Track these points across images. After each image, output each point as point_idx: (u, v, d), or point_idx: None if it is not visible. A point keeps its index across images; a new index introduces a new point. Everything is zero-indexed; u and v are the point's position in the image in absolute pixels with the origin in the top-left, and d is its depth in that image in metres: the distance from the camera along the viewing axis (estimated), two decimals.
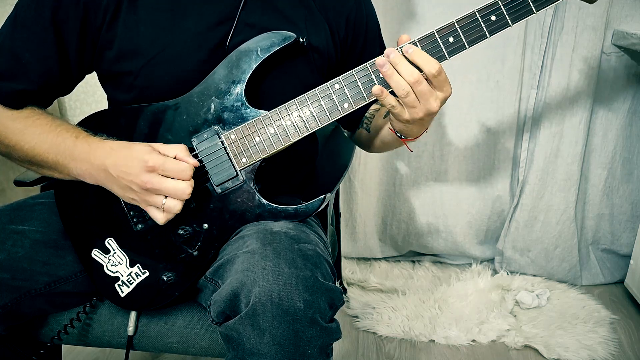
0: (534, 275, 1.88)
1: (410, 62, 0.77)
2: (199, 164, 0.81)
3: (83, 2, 0.85)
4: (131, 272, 0.88)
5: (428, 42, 0.79)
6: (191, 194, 0.79)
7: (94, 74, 0.95)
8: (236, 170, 0.84)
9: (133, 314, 0.91)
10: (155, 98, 0.88)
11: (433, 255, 2.01)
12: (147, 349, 0.93)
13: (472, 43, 0.80)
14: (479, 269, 1.90)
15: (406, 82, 0.77)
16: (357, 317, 1.68)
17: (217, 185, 0.84)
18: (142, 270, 0.88)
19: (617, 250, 1.89)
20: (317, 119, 0.83)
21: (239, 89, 0.84)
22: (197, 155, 0.84)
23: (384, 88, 0.79)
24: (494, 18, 0.79)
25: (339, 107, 0.82)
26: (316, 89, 0.82)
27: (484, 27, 0.79)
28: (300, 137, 0.84)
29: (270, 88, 0.89)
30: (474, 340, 1.57)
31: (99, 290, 0.90)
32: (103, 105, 0.96)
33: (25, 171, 1.07)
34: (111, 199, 0.87)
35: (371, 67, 0.81)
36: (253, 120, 0.84)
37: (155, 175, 0.77)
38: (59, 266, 0.90)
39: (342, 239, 1.82)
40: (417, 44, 0.79)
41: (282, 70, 0.90)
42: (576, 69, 1.67)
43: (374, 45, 1.03)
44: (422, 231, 1.94)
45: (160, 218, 0.80)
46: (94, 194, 0.88)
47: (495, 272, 1.91)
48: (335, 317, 0.76)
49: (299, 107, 0.83)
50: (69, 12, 0.85)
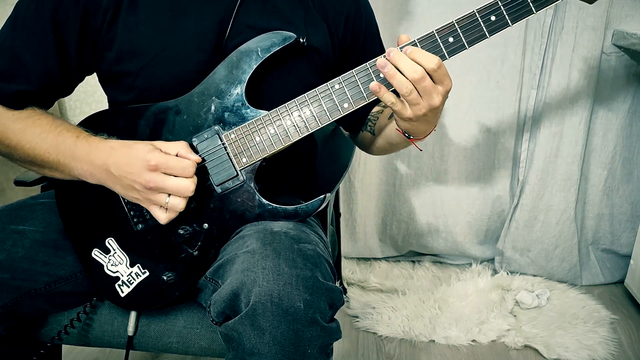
0: (534, 275, 1.88)
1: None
2: (200, 160, 0.81)
3: (83, 3, 0.85)
4: (131, 272, 0.88)
5: (428, 42, 0.79)
6: (191, 196, 0.79)
7: (94, 74, 0.95)
8: (236, 170, 0.84)
9: (133, 314, 0.91)
10: (155, 98, 0.88)
11: (433, 255, 2.01)
12: (147, 349, 0.93)
13: (472, 43, 0.80)
14: (479, 269, 1.90)
15: (408, 80, 0.76)
16: (357, 317, 1.68)
17: (217, 185, 0.85)
18: (142, 270, 0.88)
19: (617, 250, 1.89)
20: (317, 119, 0.83)
21: (239, 89, 0.84)
22: (198, 155, 0.84)
23: (381, 84, 0.79)
24: (493, 18, 0.79)
25: (339, 107, 0.82)
26: (316, 89, 0.82)
27: (484, 27, 0.79)
28: (300, 137, 0.84)
29: (271, 88, 0.89)
30: (474, 340, 1.57)
31: (99, 290, 0.90)
32: (103, 105, 0.96)
33: (25, 171, 1.07)
34: (111, 199, 0.87)
35: (371, 67, 0.81)
36: (253, 120, 0.84)
37: (158, 174, 0.77)
38: (59, 266, 0.90)
39: (342, 239, 1.82)
40: (417, 44, 0.79)
41: (282, 71, 0.90)
42: (576, 69, 1.67)
43: (373, 45, 1.03)
44: (422, 231, 1.94)
45: (163, 217, 0.80)
46: (94, 194, 0.88)
47: (495, 272, 1.91)
48: (335, 317, 0.77)
49: (299, 107, 0.83)
50: (68, 12, 0.85)
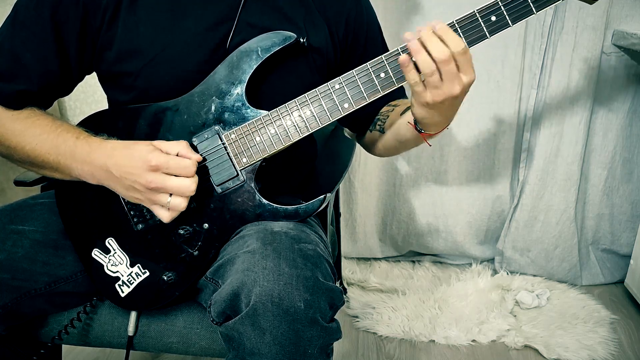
0: (534, 275, 1.88)
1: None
2: (201, 158, 0.81)
3: (83, 2, 0.85)
4: (131, 272, 0.88)
5: None
6: (191, 196, 0.79)
7: (94, 74, 0.95)
8: (237, 170, 0.84)
9: (133, 314, 0.91)
10: (156, 98, 0.88)
11: (433, 255, 2.01)
12: (147, 349, 0.93)
13: (472, 43, 0.80)
14: (479, 269, 1.90)
15: (433, 60, 0.74)
16: (357, 317, 1.68)
17: (217, 185, 0.84)
18: (143, 270, 0.87)
19: (617, 250, 1.89)
20: (318, 119, 0.83)
21: (239, 89, 0.84)
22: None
23: (411, 60, 0.76)
24: (494, 18, 0.79)
25: (340, 107, 0.82)
26: (317, 89, 0.82)
27: (484, 28, 0.79)
28: (300, 137, 0.84)
29: (271, 88, 0.89)
30: (474, 340, 1.57)
31: (99, 290, 0.90)
32: (103, 105, 0.96)
33: (25, 171, 1.07)
34: (111, 199, 0.87)
35: (372, 67, 0.81)
36: (253, 120, 0.84)
37: (158, 174, 0.77)
38: (59, 266, 0.90)
39: (342, 239, 1.82)
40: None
41: (283, 71, 0.90)
42: (576, 69, 1.67)
43: (375, 46, 1.02)
44: (422, 231, 1.94)
45: (165, 217, 0.80)
46: (94, 194, 0.88)
47: (495, 272, 1.91)
48: (335, 317, 0.77)
49: (299, 107, 0.83)
50: (68, 12, 0.85)
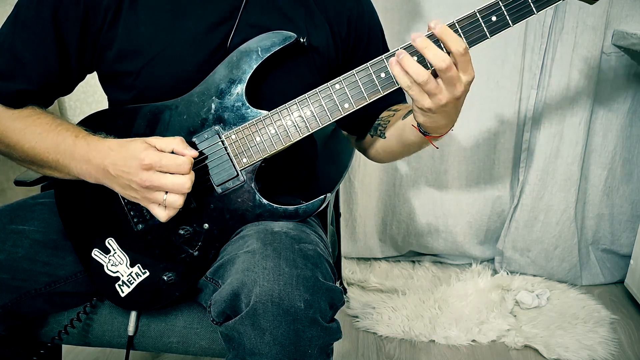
0: (534, 275, 1.88)
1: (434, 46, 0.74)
2: (197, 154, 0.80)
3: (83, 2, 0.85)
4: (131, 272, 0.88)
5: None
6: (192, 194, 0.79)
7: (94, 73, 0.95)
8: (237, 170, 0.84)
9: (133, 314, 0.91)
10: (156, 98, 0.87)
11: (433, 255, 2.01)
12: (147, 349, 0.93)
13: (472, 43, 0.80)
14: (479, 269, 1.90)
15: (430, 67, 0.74)
16: (357, 317, 1.68)
17: (217, 185, 0.84)
18: (143, 270, 0.87)
19: (617, 250, 1.89)
20: (318, 119, 0.83)
21: (239, 89, 0.84)
22: (199, 155, 0.84)
23: (406, 52, 0.76)
24: (494, 18, 0.79)
25: (340, 107, 0.82)
26: (317, 89, 0.82)
27: (485, 28, 0.79)
28: (301, 137, 0.84)
29: (271, 88, 0.89)
30: (474, 340, 1.57)
31: (99, 290, 0.90)
32: (103, 105, 0.96)
33: (25, 171, 1.07)
34: (111, 198, 0.87)
35: (372, 67, 0.81)
36: (254, 120, 0.84)
37: (152, 172, 0.76)
38: (59, 266, 0.90)
39: (342, 239, 1.82)
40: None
41: (283, 71, 0.90)
42: (576, 69, 1.67)
43: (377, 46, 1.02)
44: (422, 231, 1.94)
45: (162, 215, 0.79)
46: (94, 194, 0.88)
47: (495, 272, 1.91)
48: (335, 317, 0.77)
49: (299, 107, 0.83)
50: (69, 11, 0.85)
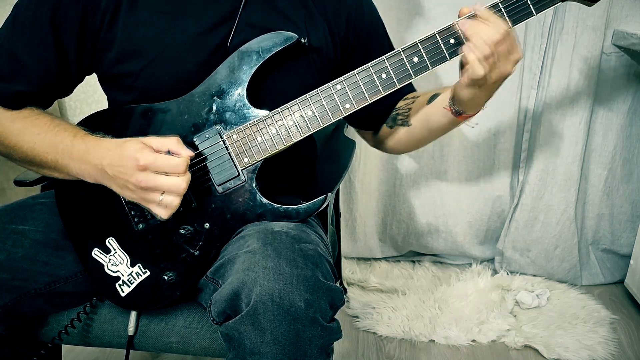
0: (534, 275, 1.88)
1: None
2: (193, 154, 0.80)
3: (82, 4, 0.85)
4: (132, 271, 0.88)
5: (430, 44, 0.79)
6: (193, 194, 0.79)
7: (94, 74, 0.95)
8: (238, 170, 0.84)
9: (133, 314, 0.91)
10: (156, 99, 0.87)
11: (433, 255, 2.01)
12: (148, 349, 0.93)
13: None
14: (479, 269, 1.90)
15: (486, 43, 0.76)
16: (357, 317, 1.68)
17: (218, 185, 0.84)
18: (143, 270, 0.87)
19: (617, 250, 1.89)
20: (319, 119, 0.83)
21: (240, 90, 0.84)
22: (199, 154, 0.84)
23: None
24: None
25: (341, 107, 0.82)
26: (318, 89, 0.83)
27: None
28: (302, 137, 0.84)
29: (272, 88, 0.89)
30: (474, 340, 1.57)
31: (99, 290, 0.90)
32: (103, 105, 0.96)
33: (25, 171, 1.07)
34: (111, 198, 0.87)
35: (373, 68, 0.81)
36: (255, 120, 0.84)
37: (147, 173, 0.76)
38: (59, 266, 0.90)
39: (342, 239, 1.82)
40: (417, 45, 0.79)
41: (284, 71, 0.90)
42: (576, 69, 1.67)
43: (380, 44, 1.01)
44: (422, 231, 1.94)
45: (163, 213, 0.78)
46: (94, 194, 0.88)
47: (495, 272, 1.91)
48: (335, 316, 0.77)
49: (300, 107, 0.83)
50: (67, 13, 0.85)
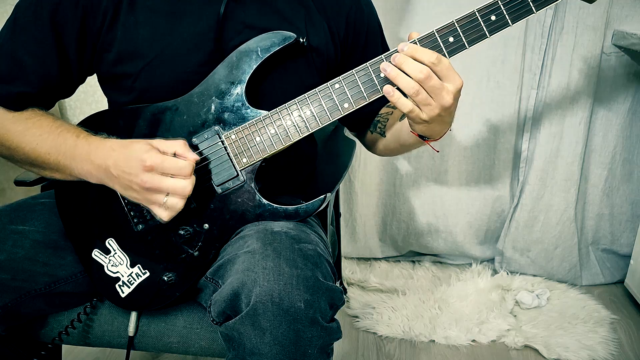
0: (534, 275, 1.88)
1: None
2: (199, 158, 0.80)
3: (82, 5, 0.85)
4: (132, 272, 0.88)
5: (428, 42, 0.79)
6: (192, 194, 0.79)
7: (95, 74, 0.95)
8: (237, 170, 0.84)
9: (133, 314, 0.91)
10: (155, 99, 0.88)
11: (433, 255, 2.01)
12: (148, 349, 0.93)
13: (472, 43, 0.80)
14: (479, 269, 1.90)
15: (415, 80, 0.76)
16: (357, 317, 1.68)
17: (217, 186, 0.84)
18: (143, 271, 0.88)
19: (617, 250, 1.89)
20: (318, 119, 0.83)
21: (239, 89, 0.84)
22: (199, 155, 0.84)
23: (395, 88, 0.78)
24: (494, 18, 0.79)
25: (340, 107, 0.82)
26: (316, 89, 0.82)
27: (484, 27, 0.79)
28: (300, 137, 0.84)
29: (271, 88, 0.89)
30: (474, 340, 1.57)
31: (99, 290, 0.90)
32: (103, 105, 0.96)
33: (25, 171, 1.07)
34: (111, 199, 0.87)
35: (371, 67, 0.81)
36: (253, 120, 0.84)
37: (154, 174, 0.76)
38: (59, 267, 0.90)
39: (342, 239, 1.82)
40: (417, 44, 0.79)
41: (283, 71, 0.90)
42: (576, 69, 1.67)
43: (375, 44, 1.03)
44: (422, 231, 1.94)
45: (164, 215, 0.79)
46: (94, 195, 0.88)
47: (495, 272, 1.91)
48: (335, 317, 0.77)
49: (299, 107, 0.83)
50: (68, 14, 0.85)
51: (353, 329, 1.64)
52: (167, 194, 0.78)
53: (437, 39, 0.79)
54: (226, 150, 0.84)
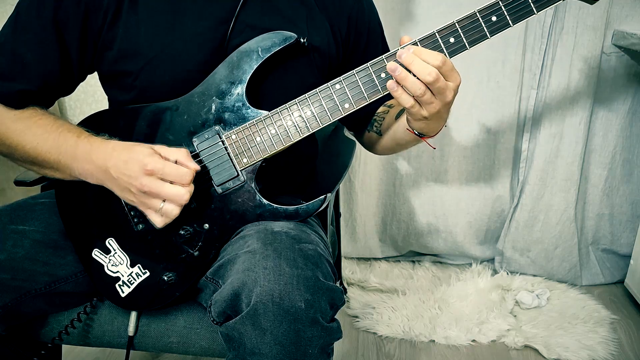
0: (534, 275, 1.88)
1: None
2: (200, 168, 0.80)
3: (84, 3, 0.85)
4: (132, 272, 0.88)
5: (429, 42, 0.79)
6: (192, 194, 0.79)
7: (95, 73, 0.95)
8: (237, 171, 0.84)
9: (133, 314, 0.91)
10: (156, 98, 0.88)
11: (433, 255, 2.01)
12: (148, 349, 0.93)
13: (473, 43, 0.80)
14: (479, 269, 1.90)
15: (421, 81, 0.76)
16: (357, 317, 1.68)
17: (218, 186, 0.84)
18: (143, 271, 0.87)
19: (617, 250, 1.89)
20: (318, 119, 0.83)
21: (239, 89, 0.84)
22: (198, 155, 0.84)
23: (398, 84, 0.78)
24: (494, 18, 0.79)
25: (340, 107, 0.82)
26: (317, 89, 0.82)
27: (485, 28, 0.79)
28: (301, 137, 0.84)
29: (271, 88, 0.89)
30: (474, 340, 1.57)
31: (99, 290, 0.90)
32: (103, 105, 0.96)
33: (25, 171, 1.07)
34: (112, 199, 0.87)
35: (372, 67, 0.81)
36: (254, 120, 0.84)
37: (153, 179, 0.76)
38: (59, 266, 0.90)
39: (342, 239, 1.82)
40: (417, 44, 0.79)
41: (283, 71, 0.90)
42: (576, 69, 1.67)
43: (376, 44, 1.03)
44: (422, 231, 1.94)
45: (158, 221, 0.79)
46: (94, 194, 0.88)
47: (495, 272, 1.91)
48: (335, 316, 0.77)
49: (299, 107, 0.83)
50: (69, 12, 0.85)
51: (353, 329, 1.64)
52: (163, 200, 0.78)
53: (438, 39, 0.79)
54: (227, 150, 0.84)
